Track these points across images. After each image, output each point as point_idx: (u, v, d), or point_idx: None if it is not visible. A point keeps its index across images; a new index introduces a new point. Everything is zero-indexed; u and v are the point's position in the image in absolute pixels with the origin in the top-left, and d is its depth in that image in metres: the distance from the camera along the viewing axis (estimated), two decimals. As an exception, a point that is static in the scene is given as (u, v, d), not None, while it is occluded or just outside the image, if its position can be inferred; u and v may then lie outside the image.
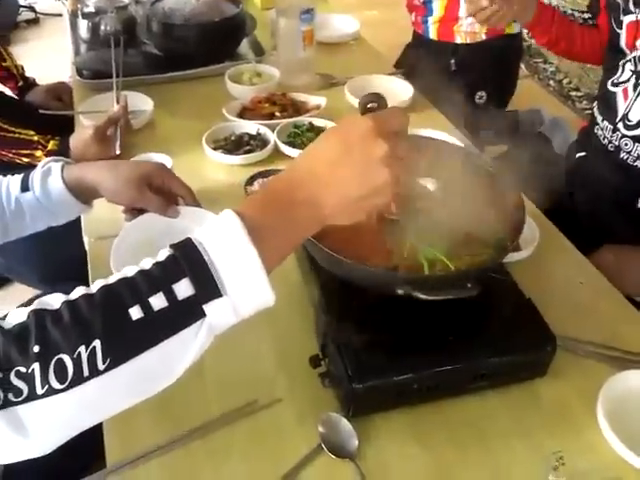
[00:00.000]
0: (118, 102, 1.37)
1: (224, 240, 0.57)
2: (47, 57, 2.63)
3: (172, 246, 0.57)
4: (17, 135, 1.39)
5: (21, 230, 1.02)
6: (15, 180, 1.00)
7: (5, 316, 0.55)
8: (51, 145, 1.36)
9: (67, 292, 0.57)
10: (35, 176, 0.99)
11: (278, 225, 0.61)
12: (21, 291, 1.70)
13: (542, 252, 1.08)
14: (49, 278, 1.44)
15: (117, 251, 1.01)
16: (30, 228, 1.03)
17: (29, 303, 0.56)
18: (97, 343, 0.52)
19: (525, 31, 1.74)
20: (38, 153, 1.37)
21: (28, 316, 0.54)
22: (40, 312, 0.54)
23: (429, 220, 0.89)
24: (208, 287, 0.55)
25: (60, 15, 3.84)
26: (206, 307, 0.55)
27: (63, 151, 1.33)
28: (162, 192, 1.05)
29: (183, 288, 0.55)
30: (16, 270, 1.58)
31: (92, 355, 0.52)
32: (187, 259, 0.56)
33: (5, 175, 1.02)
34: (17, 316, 0.54)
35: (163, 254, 0.57)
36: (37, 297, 0.57)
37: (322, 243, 0.83)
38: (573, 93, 3.37)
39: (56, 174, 0.99)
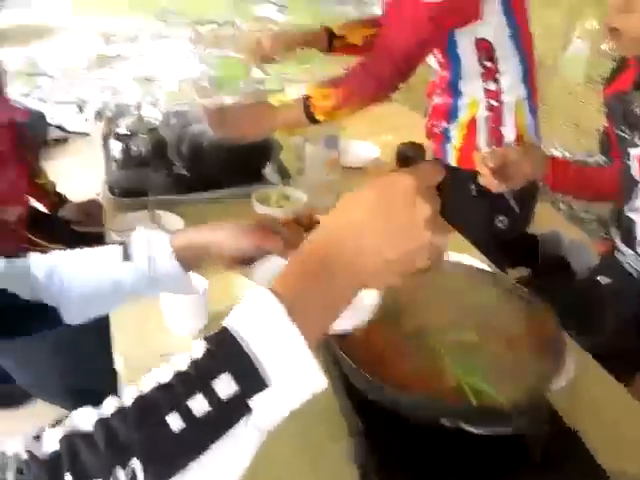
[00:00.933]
0: (152, 221, 1.41)
1: (263, 325, 0.53)
2: (74, 174, 2.72)
3: (207, 339, 0.54)
4: (52, 251, 1.42)
5: (119, 301, 0.98)
6: (114, 251, 0.94)
7: (38, 436, 0.52)
8: (84, 262, 1.38)
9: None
10: (137, 246, 0.93)
11: (317, 298, 0.57)
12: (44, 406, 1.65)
13: (578, 380, 1.07)
14: (74, 398, 1.41)
15: None
16: (128, 298, 0.98)
17: (59, 422, 0.53)
18: (136, 463, 0.49)
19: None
20: (71, 269, 1.39)
21: (60, 443, 0.51)
22: (71, 437, 0.51)
23: (470, 348, 0.89)
24: (251, 380, 0.52)
25: (87, 134, 4.05)
26: (252, 402, 0.52)
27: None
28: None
29: (224, 385, 0.51)
30: (39, 389, 1.56)
31: (132, 478, 0.48)
32: (225, 352, 0.52)
33: None
34: (50, 442, 0.51)
35: (198, 349, 0.53)
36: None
37: (363, 369, 0.83)
38: (584, 215, 3.44)
39: (162, 243, 0.93)
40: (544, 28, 1.72)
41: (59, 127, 4.05)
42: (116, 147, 1.93)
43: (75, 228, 1.58)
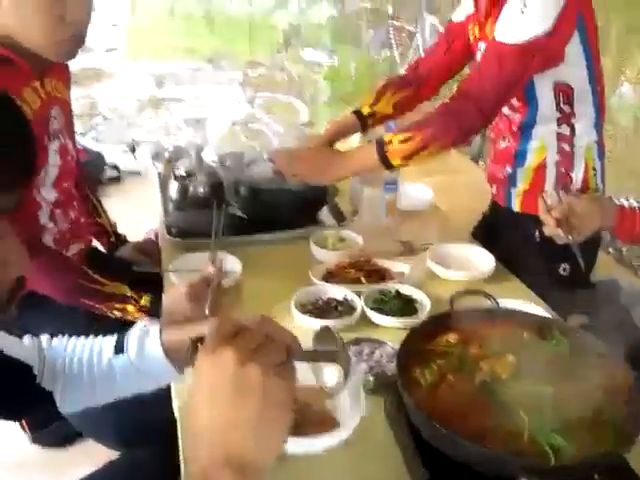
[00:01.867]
0: (213, 262, 1.41)
1: None
2: (128, 213, 2.79)
3: None
4: (111, 289, 1.44)
5: (110, 393, 1.00)
6: (109, 341, 0.99)
7: None
8: (143, 301, 1.40)
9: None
10: (131, 338, 0.98)
11: None
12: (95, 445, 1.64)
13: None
14: (128, 441, 1.41)
15: None
16: (119, 392, 1.00)
17: None
18: None
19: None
20: (130, 307, 1.40)
21: None
22: None
23: (544, 401, 0.86)
24: None
25: (138, 173, 4.16)
26: None
27: (155, 307, 1.36)
28: None
29: None
30: (91, 429, 1.56)
31: None
32: None
33: (95, 326, 1.01)
34: None
35: None
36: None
37: (435, 421, 0.81)
38: (635, 263, 3.36)
39: (154, 337, 0.97)
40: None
41: (113, 166, 4.17)
42: (174, 188, 1.97)
43: (136, 269, 1.60)
